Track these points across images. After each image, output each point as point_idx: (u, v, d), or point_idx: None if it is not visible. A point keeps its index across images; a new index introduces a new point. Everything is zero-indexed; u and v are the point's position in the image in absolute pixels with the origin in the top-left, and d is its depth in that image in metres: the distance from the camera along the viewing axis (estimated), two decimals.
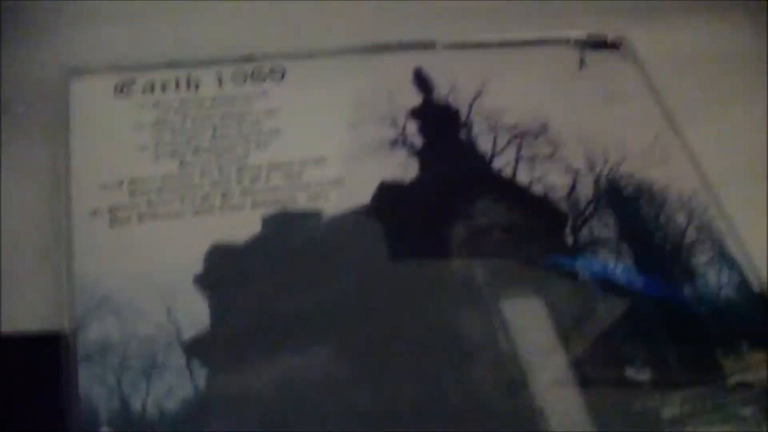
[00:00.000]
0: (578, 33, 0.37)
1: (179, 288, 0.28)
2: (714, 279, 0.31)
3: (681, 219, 0.32)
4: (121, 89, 0.33)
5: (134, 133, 0.32)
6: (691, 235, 0.32)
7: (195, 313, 0.28)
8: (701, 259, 0.32)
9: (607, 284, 0.30)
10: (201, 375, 0.27)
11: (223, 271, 0.29)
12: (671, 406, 0.28)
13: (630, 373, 0.28)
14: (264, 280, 0.29)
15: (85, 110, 0.32)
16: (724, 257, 0.32)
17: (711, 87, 0.37)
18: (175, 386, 0.26)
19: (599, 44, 0.37)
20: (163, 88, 0.33)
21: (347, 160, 0.32)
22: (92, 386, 0.26)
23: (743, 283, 0.31)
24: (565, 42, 0.37)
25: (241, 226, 0.30)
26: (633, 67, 0.37)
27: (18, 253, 0.30)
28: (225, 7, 0.36)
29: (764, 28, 0.40)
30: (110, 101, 0.32)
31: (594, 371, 0.28)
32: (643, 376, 0.28)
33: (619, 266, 0.31)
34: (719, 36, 0.40)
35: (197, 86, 0.33)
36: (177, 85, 0.33)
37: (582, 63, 0.36)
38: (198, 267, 0.29)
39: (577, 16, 0.39)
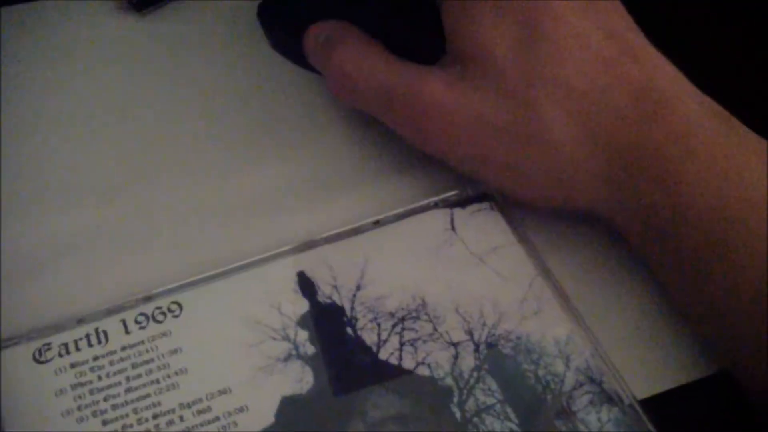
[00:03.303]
0: (448, 194, 0.41)
1: None
2: (595, 420, 0.35)
3: (559, 366, 0.36)
4: (39, 355, 0.36)
5: (57, 399, 0.35)
6: (569, 380, 0.36)
7: None
8: (582, 402, 0.35)
9: None
10: None
11: None
12: None
13: None
14: None
15: (8, 382, 0.36)
16: (603, 393, 0.35)
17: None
18: None
19: (469, 199, 0.41)
20: (77, 347, 0.36)
21: (248, 384, 0.35)
22: None
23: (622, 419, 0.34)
24: (435, 205, 0.40)
25: None
26: (502, 218, 0.40)
27: None
28: (123, 250, 0.40)
29: None
30: (31, 369, 0.36)
31: None
32: None
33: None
34: None
35: (107, 339, 0.37)
36: (89, 342, 0.37)
37: (453, 224, 0.40)
38: None
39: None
